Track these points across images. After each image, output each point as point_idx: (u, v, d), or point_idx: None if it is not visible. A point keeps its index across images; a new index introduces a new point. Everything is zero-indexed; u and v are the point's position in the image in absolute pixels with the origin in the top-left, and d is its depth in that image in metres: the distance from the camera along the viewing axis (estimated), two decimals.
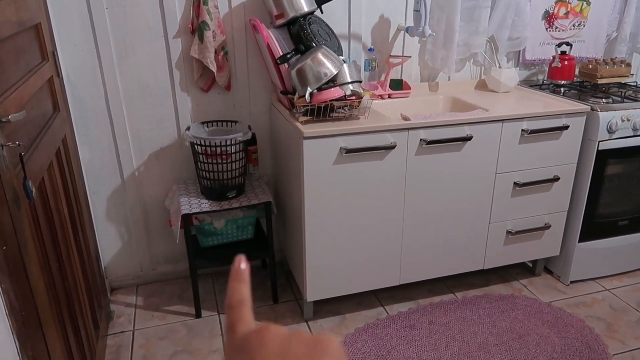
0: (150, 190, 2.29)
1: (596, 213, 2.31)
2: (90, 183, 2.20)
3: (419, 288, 2.37)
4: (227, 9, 2.10)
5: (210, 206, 2.05)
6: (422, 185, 2.04)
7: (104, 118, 2.12)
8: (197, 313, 2.20)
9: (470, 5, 2.34)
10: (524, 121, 2.08)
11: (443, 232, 2.16)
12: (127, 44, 2.05)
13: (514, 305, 2.25)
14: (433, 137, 1.96)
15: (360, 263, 2.08)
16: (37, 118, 1.44)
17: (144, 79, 2.12)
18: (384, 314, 2.21)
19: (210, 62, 2.04)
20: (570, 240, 2.37)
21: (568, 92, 2.42)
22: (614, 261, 2.46)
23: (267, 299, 2.30)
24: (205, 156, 2.02)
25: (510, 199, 2.20)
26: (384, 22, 2.31)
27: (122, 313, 2.23)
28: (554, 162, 2.19)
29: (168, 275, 2.46)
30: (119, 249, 2.36)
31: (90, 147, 2.15)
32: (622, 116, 2.15)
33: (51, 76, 1.67)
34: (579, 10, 2.55)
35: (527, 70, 2.66)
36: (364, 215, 2.00)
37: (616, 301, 2.31)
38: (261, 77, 2.24)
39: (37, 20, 1.58)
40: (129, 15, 2.01)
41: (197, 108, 2.21)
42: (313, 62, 1.83)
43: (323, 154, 1.85)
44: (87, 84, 2.06)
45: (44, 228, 1.35)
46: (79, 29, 1.98)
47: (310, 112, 1.88)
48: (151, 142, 2.22)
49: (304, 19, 1.96)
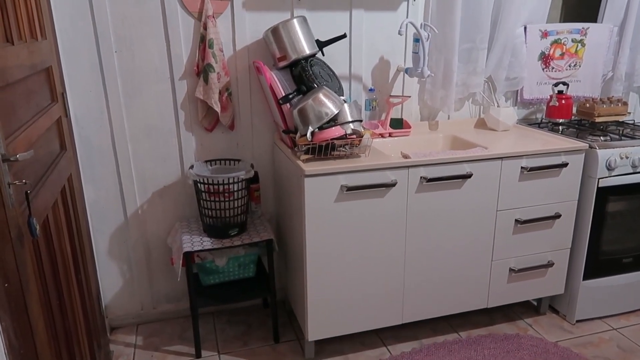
0: (153, 228, 2.30)
1: (600, 250, 2.30)
2: (94, 221, 2.22)
3: (422, 327, 2.34)
4: (232, 51, 2.17)
5: (212, 244, 2.06)
6: (423, 223, 2.04)
7: (109, 157, 2.16)
8: (197, 353, 2.16)
9: (468, 47, 2.41)
10: (523, 159, 2.10)
11: (445, 270, 2.14)
12: (134, 85, 2.11)
13: (520, 345, 2.20)
14: (433, 175, 1.98)
15: (363, 301, 2.06)
16: (44, 157, 1.47)
17: (150, 120, 2.17)
18: (387, 354, 2.17)
19: (214, 102, 2.09)
20: (574, 278, 2.34)
21: (566, 130, 2.45)
22: (620, 299, 2.43)
23: (268, 339, 2.27)
24: (208, 194, 2.04)
25: (512, 237, 2.19)
26: (384, 64, 2.38)
27: (122, 353, 2.20)
28: (554, 200, 2.20)
29: (169, 315, 2.44)
30: (120, 287, 2.35)
31: (95, 185, 2.18)
32: (621, 153, 2.17)
33: (59, 117, 1.71)
34: (574, 51, 2.61)
35: (525, 109, 2.70)
36: (365, 253, 2.00)
37: (624, 341, 2.26)
38: (264, 117, 2.29)
39: (49, 64, 1.64)
40: (137, 58, 2.08)
41: (201, 147, 2.26)
42: (314, 102, 1.88)
43: (324, 191, 1.87)
44: (94, 124, 2.11)
45: (46, 266, 1.36)
46: (88, 72, 2.04)
47: (312, 150, 1.91)
48: (155, 181, 2.25)
49: (305, 61, 2.02)
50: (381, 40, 2.34)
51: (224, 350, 2.21)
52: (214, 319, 2.43)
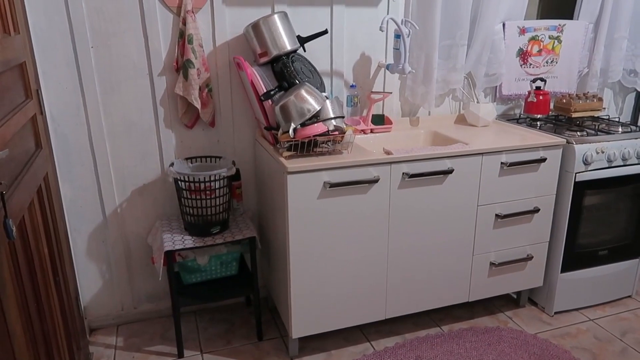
0: (133, 227, 2.27)
1: (577, 243, 2.35)
2: (72, 221, 2.17)
3: (405, 322, 2.35)
4: (212, 47, 2.14)
5: (193, 242, 2.03)
6: (405, 218, 2.05)
7: (87, 155, 2.12)
8: (179, 353, 2.14)
9: (448, 43, 2.42)
10: (502, 154, 2.13)
11: (427, 265, 2.16)
12: (112, 81, 2.06)
13: (500, 337, 2.24)
14: (415, 171, 1.99)
15: (346, 298, 2.07)
16: (19, 156, 1.43)
17: (129, 116, 2.12)
18: (371, 350, 2.18)
19: (194, 99, 2.06)
20: (552, 270, 2.39)
21: (544, 125, 2.49)
22: (596, 291, 2.48)
23: (251, 337, 2.26)
24: (189, 192, 2.01)
25: (493, 231, 2.23)
26: (365, 60, 2.38)
27: (102, 355, 2.16)
28: (533, 194, 2.24)
29: (150, 314, 2.41)
30: (100, 287, 2.31)
31: (72, 184, 2.13)
32: (597, 148, 2.22)
33: (34, 114, 1.66)
34: (551, 47, 2.66)
35: (504, 105, 2.74)
36: (348, 249, 2.00)
37: (600, 331, 2.32)
38: (245, 114, 2.27)
39: (22, 60, 1.59)
40: (114, 54, 2.03)
41: (181, 144, 2.22)
42: (296, 99, 1.87)
43: (307, 188, 1.86)
44: (70, 121, 2.06)
45: (23, 268, 1.32)
46: (63, 68, 1.99)
47: (294, 147, 1.90)
48: (134, 179, 2.21)
49: (287, 57, 2.01)
50: (362, 37, 2.33)
51: (206, 349, 2.19)
52: (196, 318, 2.41)
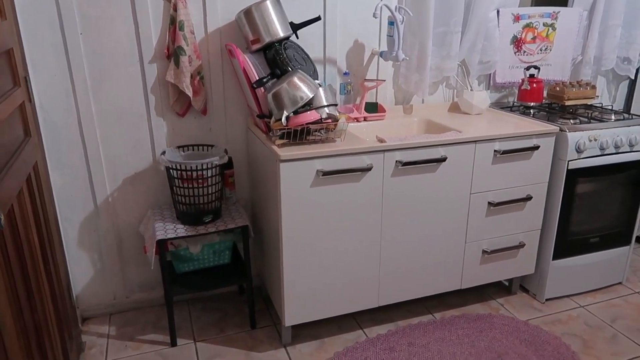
0: (125, 215, 2.25)
1: (568, 231, 2.36)
2: (62, 209, 2.15)
3: (398, 309, 2.37)
4: (204, 34, 2.11)
5: (186, 231, 2.02)
6: (398, 206, 2.05)
7: (77, 143, 2.09)
8: (172, 341, 2.14)
9: (442, 30, 2.40)
10: (496, 142, 2.13)
11: (420, 253, 2.17)
12: (101, 69, 2.03)
13: (492, 324, 2.26)
14: (408, 159, 1.99)
15: (339, 285, 2.07)
16: (7, 144, 1.41)
17: (119, 104, 2.10)
18: (363, 337, 2.19)
19: (186, 86, 2.04)
20: (544, 258, 2.41)
21: (537, 113, 2.49)
22: (587, 278, 2.51)
23: (244, 325, 2.26)
24: (181, 181, 2.00)
25: (485, 219, 2.23)
26: (358, 47, 2.36)
27: (94, 344, 2.16)
28: (526, 182, 2.24)
29: (142, 303, 2.40)
30: (91, 277, 2.29)
31: (62, 172, 2.11)
32: (590, 136, 2.22)
33: (23, 101, 1.64)
34: (545, 35, 2.64)
35: (497, 93, 2.73)
36: (341, 237, 2.00)
37: (591, 318, 2.34)
38: (237, 101, 2.25)
39: (10, 46, 1.56)
40: (104, 40, 2.00)
41: (172, 132, 2.20)
42: (289, 86, 1.85)
43: (300, 176, 1.86)
44: (60, 109, 2.03)
45: (13, 257, 1.31)
46: (52, 55, 1.96)
47: (287, 135, 1.89)
48: (126, 167, 2.19)
49: (279, 44, 1.98)
50: (356, 23, 2.31)
51: (199, 337, 2.19)
52: (189, 307, 2.41)
